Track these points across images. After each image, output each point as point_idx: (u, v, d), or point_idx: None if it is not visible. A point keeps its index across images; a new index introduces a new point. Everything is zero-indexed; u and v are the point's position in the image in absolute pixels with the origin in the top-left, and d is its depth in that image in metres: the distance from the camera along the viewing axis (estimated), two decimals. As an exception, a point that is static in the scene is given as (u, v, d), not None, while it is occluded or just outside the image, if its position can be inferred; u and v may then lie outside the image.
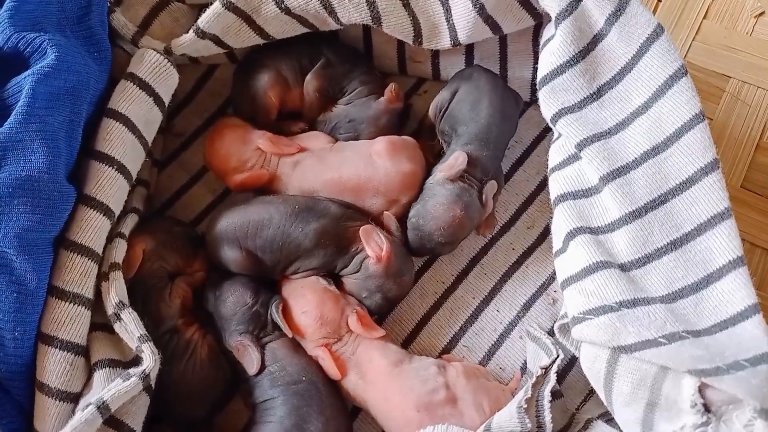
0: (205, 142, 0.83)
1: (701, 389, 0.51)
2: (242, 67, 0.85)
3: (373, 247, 0.72)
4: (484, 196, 0.76)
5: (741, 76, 0.92)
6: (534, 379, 0.64)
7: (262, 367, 0.70)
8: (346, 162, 0.78)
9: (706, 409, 0.51)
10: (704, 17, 0.95)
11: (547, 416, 0.61)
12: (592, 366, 0.60)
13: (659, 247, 0.60)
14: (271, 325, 0.72)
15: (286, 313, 0.72)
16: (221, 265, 0.75)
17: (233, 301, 0.72)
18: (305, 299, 0.72)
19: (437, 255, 0.80)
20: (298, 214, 0.73)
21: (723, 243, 0.57)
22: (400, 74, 0.89)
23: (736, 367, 0.49)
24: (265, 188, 0.80)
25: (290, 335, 0.71)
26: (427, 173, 0.79)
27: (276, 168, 0.79)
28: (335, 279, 0.76)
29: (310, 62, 0.82)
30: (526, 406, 0.61)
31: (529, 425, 0.60)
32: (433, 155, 0.83)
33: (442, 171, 0.75)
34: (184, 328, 0.72)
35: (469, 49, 0.83)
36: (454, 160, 0.74)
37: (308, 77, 0.82)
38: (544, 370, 0.65)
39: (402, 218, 0.77)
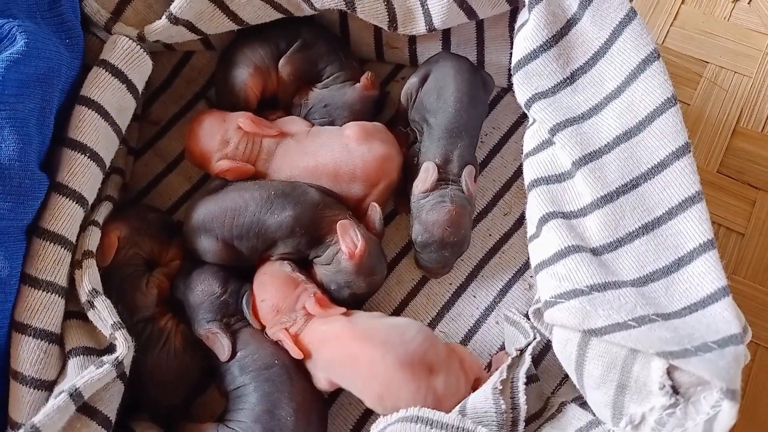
0: (185, 133, 0.82)
1: (670, 371, 0.52)
2: (223, 57, 0.85)
3: (348, 243, 0.71)
4: (463, 184, 0.75)
5: (718, 61, 0.92)
6: (509, 360, 0.64)
7: (233, 354, 0.70)
8: (322, 148, 0.77)
9: (675, 390, 0.52)
10: (682, 2, 0.95)
11: (522, 398, 0.62)
12: (564, 349, 0.61)
13: (631, 231, 0.60)
14: (240, 314, 0.72)
15: (252, 304, 0.72)
16: (198, 255, 0.75)
17: (201, 290, 0.72)
18: (264, 288, 0.72)
19: (459, 256, 0.77)
20: (274, 200, 0.72)
21: (694, 226, 0.58)
22: (377, 60, 0.89)
23: (704, 349, 0.50)
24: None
25: (258, 327, 0.71)
26: (403, 163, 0.80)
27: (258, 151, 0.79)
28: (307, 264, 0.76)
29: (287, 45, 0.82)
30: (500, 387, 0.62)
31: (503, 406, 0.60)
32: (407, 145, 0.83)
33: (418, 186, 0.74)
34: (159, 316, 0.71)
35: (446, 34, 0.82)
36: (425, 173, 0.74)
37: (282, 61, 0.81)
38: (519, 352, 0.65)
39: (381, 204, 0.77)
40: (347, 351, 0.67)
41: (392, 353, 0.64)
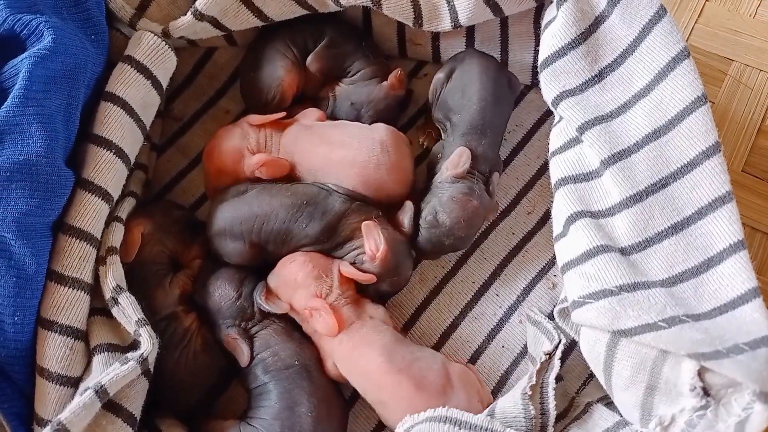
0: (204, 158, 0.80)
1: (701, 373, 0.52)
2: (253, 55, 0.84)
3: (371, 245, 0.71)
4: (491, 188, 0.76)
5: (743, 59, 0.91)
6: (538, 365, 0.64)
7: (253, 357, 0.70)
8: (344, 138, 0.77)
9: (706, 392, 0.51)
10: (707, -1, 0.94)
11: (551, 404, 0.61)
12: (592, 350, 0.60)
13: (660, 230, 0.60)
14: (259, 314, 0.72)
15: (271, 294, 0.72)
16: (222, 257, 0.74)
17: (218, 295, 0.72)
18: (292, 255, 0.73)
19: (454, 251, 0.78)
20: (304, 210, 0.72)
21: (724, 227, 0.57)
22: (400, 57, 0.88)
23: (736, 350, 0.49)
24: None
25: (283, 310, 0.71)
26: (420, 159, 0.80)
27: (277, 145, 0.78)
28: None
29: (313, 42, 0.82)
30: (530, 393, 0.61)
31: (532, 412, 0.60)
32: (433, 141, 0.83)
33: (449, 170, 0.74)
34: (183, 315, 0.72)
35: (470, 31, 0.82)
36: (458, 157, 0.73)
37: (310, 58, 0.81)
38: (548, 356, 0.64)
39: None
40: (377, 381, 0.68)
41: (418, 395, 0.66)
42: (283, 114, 0.79)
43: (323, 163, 0.76)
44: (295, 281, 0.71)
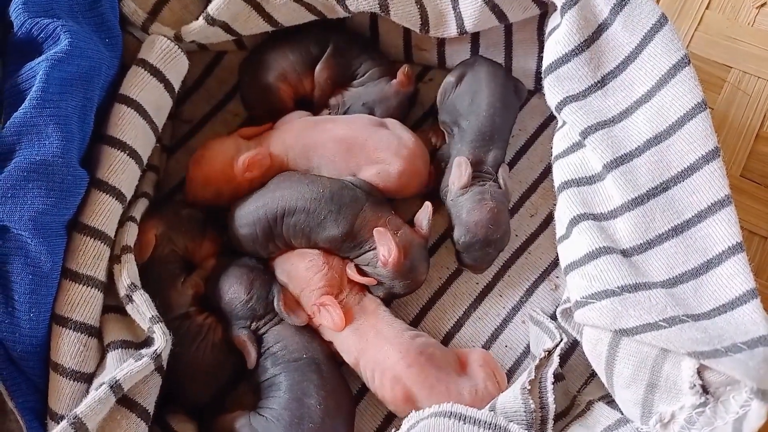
0: (191, 164, 0.80)
1: (700, 371, 0.53)
2: (250, 62, 0.86)
3: (383, 251, 0.72)
4: (501, 182, 0.77)
5: (742, 66, 0.92)
6: (537, 361, 0.65)
7: (265, 352, 0.72)
8: (335, 119, 0.80)
9: (705, 390, 0.53)
10: (707, 7, 0.96)
11: (550, 397, 0.63)
12: (594, 349, 0.62)
13: (660, 233, 0.61)
14: (271, 313, 0.73)
15: (290, 301, 0.74)
16: (241, 246, 0.76)
17: (230, 298, 0.73)
18: (310, 253, 0.75)
19: (500, 251, 0.78)
20: (326, 201, 0.73)
21: (723, 229, 0.59)
22: (406, 62, 0.89)
23: (734, 349, 0.51)
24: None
25: (303, 322, 0.73)
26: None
27: (270, 145, 0.79)
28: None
29: (319, 50, 0.83)
30: (529, 387, 0.63)
31: (532, 406, 0.61)
32: (443, 141, 0.84)
33: (454, 183, 0.75)
34: (196, 314, 0.73)
35: (475, 37, 0.83)
36: (459, 168, 0.75)
37: (318, 67, 0.83)
38: (547, 353, 0.66)
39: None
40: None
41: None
42: (270, 125, 0.81)
43: (317, 136, 0.78)
44: (310, 280, 0.73)
